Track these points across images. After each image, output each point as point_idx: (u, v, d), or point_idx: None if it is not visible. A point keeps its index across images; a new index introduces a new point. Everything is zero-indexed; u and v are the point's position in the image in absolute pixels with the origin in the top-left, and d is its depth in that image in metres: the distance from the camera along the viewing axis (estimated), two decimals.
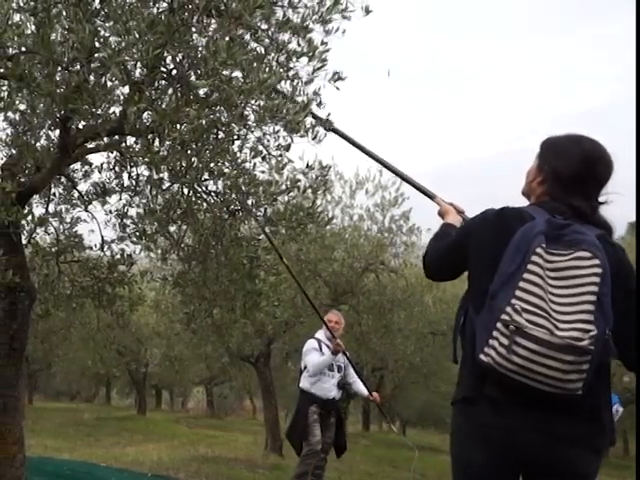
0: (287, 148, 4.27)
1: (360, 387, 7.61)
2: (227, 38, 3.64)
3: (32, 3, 3.61)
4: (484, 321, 2.29)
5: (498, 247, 2.32)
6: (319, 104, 4.15)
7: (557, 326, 2.16)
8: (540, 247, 2.24)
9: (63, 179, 5.60)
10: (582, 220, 2.37)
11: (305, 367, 7.37)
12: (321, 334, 7.49)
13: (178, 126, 3.83)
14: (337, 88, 4.15)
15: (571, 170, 2.43)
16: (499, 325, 2.22)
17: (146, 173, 4.99)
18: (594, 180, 2.44)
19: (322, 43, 4.07)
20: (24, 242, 5.19)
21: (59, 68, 3.74)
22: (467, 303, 2.48)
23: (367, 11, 4.13)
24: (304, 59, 4.09)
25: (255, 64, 3.72)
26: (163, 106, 3.92)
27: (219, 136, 4.26)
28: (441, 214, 3.12)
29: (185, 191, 4.95)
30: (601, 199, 2.46)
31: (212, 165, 4.49)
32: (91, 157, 5.38)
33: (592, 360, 2.15)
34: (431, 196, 3.35)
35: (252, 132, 4.24)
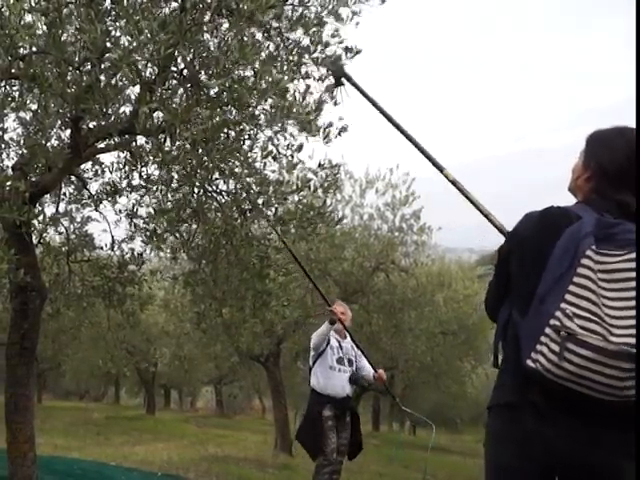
0: (299, 148, 4.26)
1: (366, 365, 7.30)
2: (239, 37, 3.64)
3: (44, 3, 3.61)
4: (531, 326, 2.21)
5: (544, 249, 2.22)
6: (335, 103, 4.13)
7: (611, 332, 2.07)
8: (590, 249, 2.14)
9: (74, 179, 5.61)
10: (632, 217, 2.23)
11: (313, 363, 7.21)
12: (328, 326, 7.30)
13: (189, 126, 3.83)
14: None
15: (617, 164, 2.33)
16: (548, 331, 2.14)
17: (157, 173, 4.99)
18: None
19: (333, 36, 4.06)
20: (35, 242, 5.21)
21: (70, 68, 3.74)
22: (510, 306, 2.40)
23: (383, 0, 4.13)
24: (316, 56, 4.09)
25: (267, 64, 3.71)
26: (174, 106, 3.92)
27: (230, 136, 4.26)
28: None
29: (196, 190, 4.95)
30: None
31: (223, 165, 4.49)
32: (102, 157, 5.40)
33: None
34: (440, 168, 3.28)
35: (262, 132, 4.23)
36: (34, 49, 3.65)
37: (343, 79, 3.77)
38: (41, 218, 4.59)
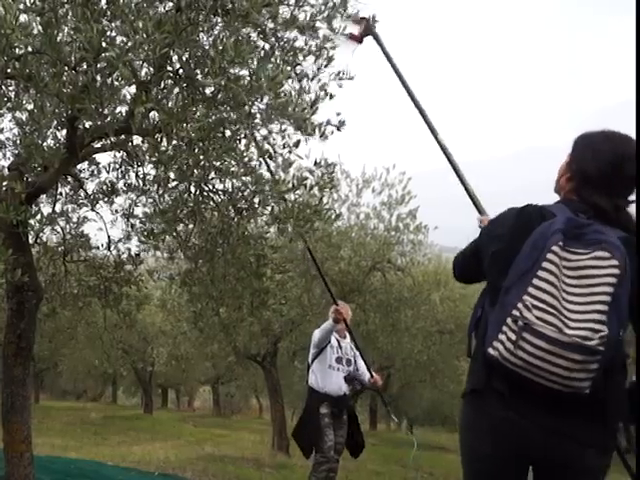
0: (296, 145, 4.27)
1: (362, 366, 7.34)
2: (234, 37, 3.64)
3: (39, 3, 3.60)
4: (496, 316, 2.31)
5: (517, 245, 2.31)
6: (331, 96, 4.14)
7: (567, 324, 2.16)
8: (557, 245, 2.23)
9: (70, 179, 5.62)
10: (605, 220, 2.34)
11: (312, 361, 7.22)
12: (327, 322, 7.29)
13: (185, 125, 3.83)
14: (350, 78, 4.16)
15: (598, 169, 2.40)
16: (509, 320, 2.23)
17: (153, 172, 4.99)
18: (621, 179, 2.40)
19: (327, 40, 4.07)
20: (31, 241, 5.21)
21: (66, 68, 3.74)
22: (484, 298, 2.50)
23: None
24: (310, 57, 4.10)
25: (262, 63, 3.72)
26: (170, 105, 3.92)
27: (226, 135, 4.26)
28: (483, 225, 3.10)
29: (192, 190, 4.96)
30: (630, 198, 2.42)
31: (219, 164, 4.49)
32: (98, 157, 5.41)
33: (602, 360, 2.14)
34: (435, 132, 3.40)
35: (258, 131, 4.23)
36: (30, 49, 3.65)
37: (366, 39, 3.91)
38: (37, 218, 4.58)
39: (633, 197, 2.43)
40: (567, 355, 2.14)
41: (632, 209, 2.42)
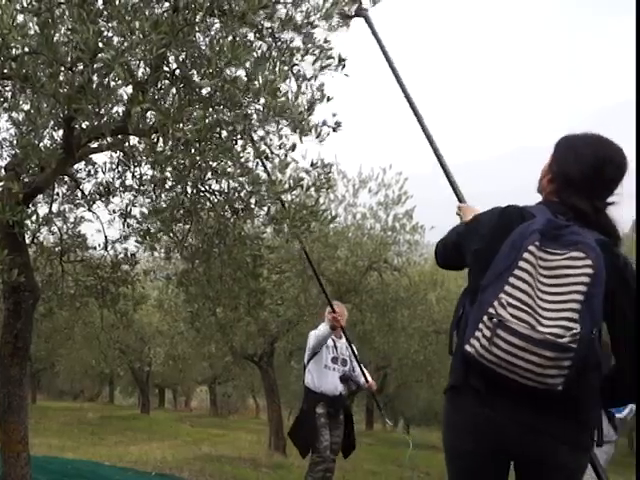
0: (292, 148, 4.27)
1: (358, 373, 7.36)
2: (231, 37, 3.65)
3: (36, 4, 3.61)
4: (474, 314, 2.35)
5: (496, 244, 2.36)
6: (328, 99, 4.15)
7: (540, 322, 2.20)
8: (533, 245, 2.27)
9: (67, 179, 5.62)
10: (584, 222, 2.38)
11: (308, 361, 7.24)
12: (324, 327, 7.33)
13: (182, 126, 3.84)
14: (346, 75, 4.16)
15: (581, 173, 2.44)
16: (485, 318, 2.28)
17: (150, 172, 5.01)
18: (602, 183, 2.45)
19: (325, 41, 4.07)
20: (28, 242, 5.21)
21: (63, 68, 3.74)
22: (465, 297, 2.53)
23: (375, 1, 4.15)
24: (309, 57, 4.10)
25: (259, 63, 3.72)
26: (167, 106, 3.93)
27: (222, 135, 4.27)
28: (463, 212, 3.17)
29: (189, 190, 4.96)
30: (610, 200, 2.47)
31: (215, 164, 4.50)
32: (95, 157, 5.40)
33: (574, 358, 2.18)
34: (419, 116, 3.53)
35: (255, 131, 4.24)
36: (26, 49, 3.65)
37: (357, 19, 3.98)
38: (34, 218, 4.59)
39: (612, 199, 2.47)
40: (539, 352, 2.18)
41: (611, 211, 2.47)
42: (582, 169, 2.44)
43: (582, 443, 2.39)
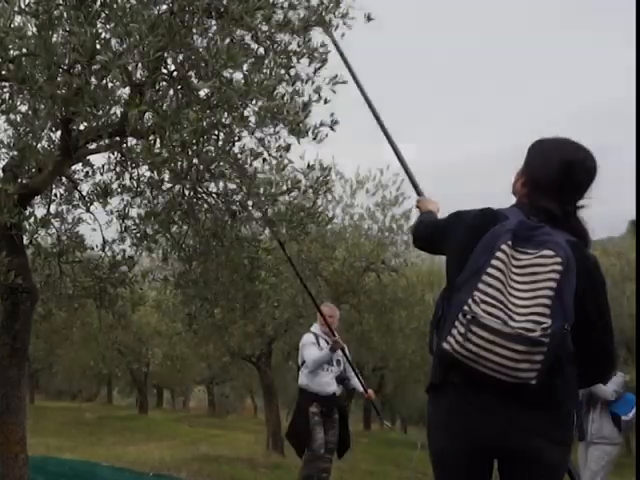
0: (287, 148, 4.29)
1: (356, 383, 7.41)
2: (227, 40, 3.66)
3: (34, 6, 3.62)
4: (451, 312, 2.40)
5: (471, 245, 2.42)
6: (325, 101, 4.16)
7: (512, 317, 2.25)
8: (506, 244, 2.33)
9: (65, 180, 5.61)
10: (555, 224, 2.44)
11: (303, 362, 7.23)
12: (317, 328, 7.30)
13: (179, 127, 3.85)
14: (345, 82, 4.18)
15: (548, 177, 2.51)
16: (460, 315, 2.32)
17: (147, 174, 5.01)
18: (571, 186, 2.51)
19: (322, 45, 4.09)
20: (26, 243, 5.21)
21: (60, 70, 3.75)
22: (444, 297, 2.59)
23: (369, 18, 4.16)
24: (304, 60, 4.12)
25: (256, 66, 3.74)
26: (164, 108, 3.94)
27: (220, 137, 4.28)
28: (421, 205, 3.30)
29: (186, 192, 4.97)
30: (580, 203, 2.53)
31: (213, 166, 4.51)
32: (92, 158, 5.40)
33: (547, 352, 2.23)
34: (377, 116, 3.67)
35: (252, 134, 4.25)
36: (24, 51, 3.67)
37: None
38: (32, 220, 4.59)
39: (582, 202, 2.53)
40: (510, 346, 2.22)
41: (582, 214, 2.54)
42: (549, 172, 2.51)
43: (560, 437, 2.41)
